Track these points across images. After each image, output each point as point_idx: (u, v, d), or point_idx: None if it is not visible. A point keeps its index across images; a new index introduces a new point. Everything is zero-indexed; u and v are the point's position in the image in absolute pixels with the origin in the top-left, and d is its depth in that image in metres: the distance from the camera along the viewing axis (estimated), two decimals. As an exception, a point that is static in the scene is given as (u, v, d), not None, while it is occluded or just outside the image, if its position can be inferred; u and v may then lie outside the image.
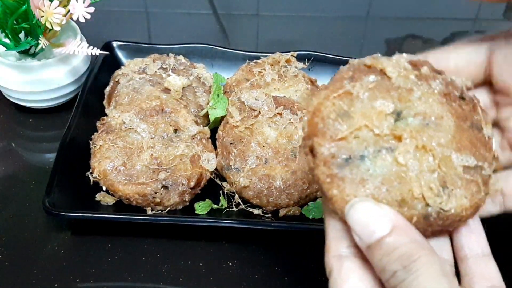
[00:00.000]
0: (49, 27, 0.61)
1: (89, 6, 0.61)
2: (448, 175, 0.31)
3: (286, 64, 0.69)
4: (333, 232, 0.32)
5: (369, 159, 0.31)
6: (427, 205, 0.31)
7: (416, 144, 0.31)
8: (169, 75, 0.66)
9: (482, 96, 0.38)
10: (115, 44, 0.73)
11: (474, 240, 0.34)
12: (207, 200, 0.58)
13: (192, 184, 0.56)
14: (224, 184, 0.60)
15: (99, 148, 0.58)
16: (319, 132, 0.31)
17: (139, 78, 0.66)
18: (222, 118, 0.64)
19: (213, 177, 0.60)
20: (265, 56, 0.71)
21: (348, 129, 0.31)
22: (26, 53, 0.66)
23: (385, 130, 0.31)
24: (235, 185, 0.58)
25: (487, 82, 0.38)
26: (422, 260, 0.27)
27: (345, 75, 0.33)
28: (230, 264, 0.54)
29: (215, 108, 0.64)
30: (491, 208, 0.36)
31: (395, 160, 0.31)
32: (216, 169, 0.60)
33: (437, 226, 0.32)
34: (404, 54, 0.35)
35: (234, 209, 0.58)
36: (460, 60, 0.36)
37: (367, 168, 0.31)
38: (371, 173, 0.31)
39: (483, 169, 0.33)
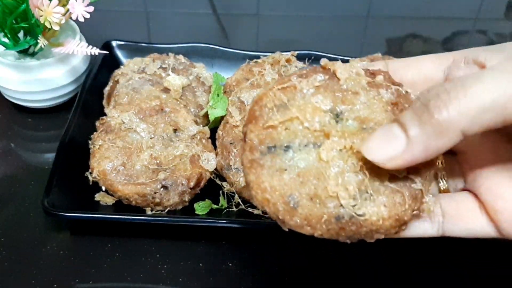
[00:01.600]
0: (48, 26, 0.60)
1: (88, 5, 0.61)
2: (371, 180, 0.30)
3: (286, 64, 0.68)
4: None
5: (293, 150, 0.31)
6: (341, 205, 0.30)
7: (345, 144, 0.31)
8: (168, 75, 0.66)
9: None
10: (114, 43, 0.73)
11: None
12: (207, 200, 0.58)
13: (192, 184, 0.56)
14: (224, 184, 0.59)
15: (98, 148, 0.58)
16: (254, 119, 0.32)
17: (138, 78, 0.65)
18: (222, 118, 0.64)
19: (213, 177, 0.59)
20: (265, 55, 0.71)
21: (279, 118, 0.32)
22: (25, 52, 0.66)
23: (316, 126, 0.32)
24: (235, 185, 0.58)
25: None
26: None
27: (298, 73, 0.34)
28: (230, 264, 0.54)
29: (215, 108, 0.64)
30: (428, 228, 0.33)
31: (319, 155, 0.31)
32: (216, 169, 0.59)
33: (351, 232, 0.30)
34: (365, 62, 0.35)
35: (234, 209, 0.58)
36: (418, 74, 0.34)
37: (288, 158, 0.31)
38: (291, 165, 0.31)
39: (414, 183, 0.31)
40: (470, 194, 0.33)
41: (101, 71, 0.69)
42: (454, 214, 0.33)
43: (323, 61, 0.34)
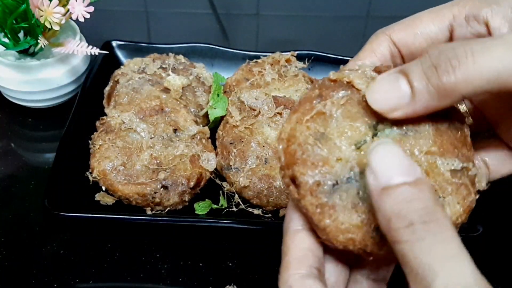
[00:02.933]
0: (49, 26, 0.61)
1: (88, 5, 0.61)
2: (437, 182, 0.30)
3: (286, 64, 0.69)
4: (297, 250, 0.31)
5: (356, 180, 0.29)
6: None
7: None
8: (168, 75, 0.66)
9: None
10: (114, 43, 0.73)
11: None
12: (207, 200, 0.58)
13: (191, 184, 0.56)
14: (224, 184, 0.59)
15: (98, 148, 0.58)
16: (298, 160, 0.29)
17: (138, 78, 0.65)
18: (222, 118, 0.64)
19: (213, 177, 0.60)
20: (265, 55, 0.71)
21: (329, 153, 0.29)
22: (25, 52, 0.66)
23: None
24: (235, 185, 0.58)
25: None
26: (444, 223, 0.25)
27: (312, 94, 0.31)
28: (230, 264, 0.54)
29: (215, 108, 0.64)
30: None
31: None
32: (216, 169, 0.60)
33: None
34: (368, 62, 0.34)
35: (234, 209, 0.58)
36: (426, 40, 0.35)
37: (356, 191, 0.29)
38: (361, 196, 0.29)
39: (469, 170, 0.31)
40: (500, 141, 0.36)
41: (101, 71, 0.69)
42: (497, 164, 0.35)
43: (333, 75, 0.32)
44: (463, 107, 0.36)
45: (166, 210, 0.56)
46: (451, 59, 0.27)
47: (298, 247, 0.31)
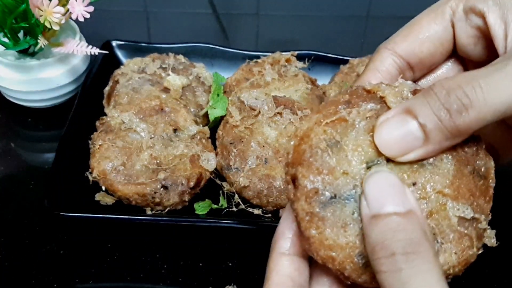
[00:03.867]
0: (48, 26, 0.60)
1: (88, 5, 0.61)
2: (440, 225, 0.29)
3: (286, 64, 0.69)
4: (277, 277, 0.31)
5: (355, 200, 0.28)
6: None
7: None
8: (168, 75, 0.66)
9: (454, 69, 0.37)
10: (114, 43, 0.73)
11: None
12: (207, 200, 0.58)
13: (191, 184, 0.56)
14: (224, 184, 0.59)
15: (98, 148, 0.58)
16: (305, 161, 0.28)
17: (138, 78, 0.65)
18: (222, 117, 0.64)
19: (213, 177, 0.60)
20: (265, 55, 0.71)
21: (337, 164, 0.28)
22: (25, 52, 0.66)
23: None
24: (235, 185, 0.58)
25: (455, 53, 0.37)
26: (426, 256, 0.25)
27: (341, 99, 0.30)
28: (230, 264, 0.54)
29: (215, 108, 0.64)
30: None
31: None
32: (216, 169, 0.59)
33: None
34: (409, 82, 0.31)
35: (234, 209, 0.58)
36: (432, 44, 0.35)
37: (351, 211, 0.28)
38: (355, 218, 0.28)
39: (480, 222, 0.30)
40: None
41: (101, 71, 0.69)
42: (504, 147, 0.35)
43: (369, 85, 0.31)
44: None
45: (166, 210, 0.56)
46: (462, 99, 0.27)
47: (279, 274, 0.31)
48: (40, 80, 0.65)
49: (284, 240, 0.31)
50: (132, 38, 0.75)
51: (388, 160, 0.29)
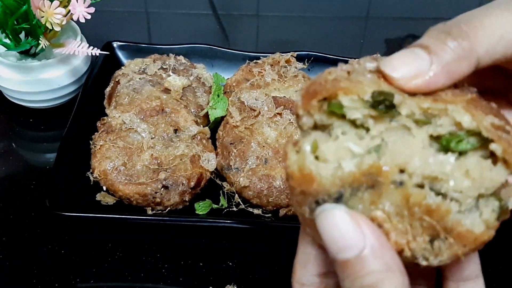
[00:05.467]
0: (50, 27, 0.61)
1: (89, 6, 0.61)
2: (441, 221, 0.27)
3: (286, 64, 0.69)
4: (302, 255, 0.30)
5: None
6: (414, 257, 0.27)
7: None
8: (169, 75, 0.67)
9: None
10: (115, 44, 0.73)
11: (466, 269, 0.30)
12: (207, 200, 0.58)
13: (192, 184, 0.56)
14: (224, 184, 0.60)
15: (99, 148, 0.58)
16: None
17: (139, 78, 0.66)
18: (222, 118, 0.64)
19: (213, 177, 0.60)
20: (265, 56, 0.71)
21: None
22: (26, 53, 0.66)
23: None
24: (235, 185, 0.58)
25: None
26: None
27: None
28: (230, 264, 0.54)
29: (215, 108, 0.64)
30: None
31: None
32: (216, 169, 0.60)
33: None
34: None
35: (234, 209, 0.58)
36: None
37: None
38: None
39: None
40: None
41: (102, 71, 0.69)
42: None
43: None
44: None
45: (167, 210, 0.57)
46: (460, 23, 0.27)
47: (302, 252, 0.31)
48: (42, 81, 0.66)
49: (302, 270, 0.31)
50: (132, 39, 0.75)
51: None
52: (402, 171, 0.26)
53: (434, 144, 0.27)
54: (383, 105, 0.27)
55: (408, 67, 0.27)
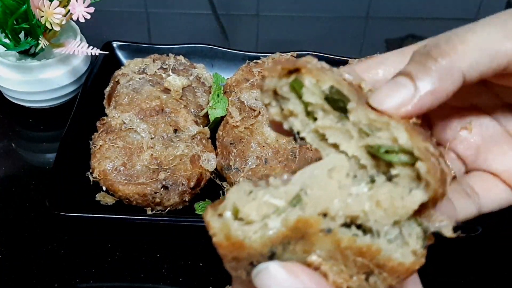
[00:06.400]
0: (49, 27, 0.61)
1: (89, 6, 0.61)
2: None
3: (286, 64, 0.69)
4: None
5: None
6: None
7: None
8: (169, 75, 0.66)
9: None
10: (115, 44, 0.73)
11: None
12: (207, 200, 0.58)
13: (192, 184, 0.56)
14: (224, 184, 0.60)
15: (99, 148, 0.58)
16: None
17: (139, 78, 0.66)
18: (222, 118, 0.64)
19: (213, 177, 0.60)
20: (265, 56, 0.71)
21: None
22: (26, 53, 0.66)
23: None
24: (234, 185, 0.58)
25: None
26: None
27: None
28: (230, 264, 0.54)
29: (215, 108, 0.64)
30: (472, 209, 0.33)
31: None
32: (216, 169, 0.60)
33: None
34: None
35: (234, 209, 0.58)
36: (389, 72, 0.32)
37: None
38: None
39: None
40: (483, 172, 0.35)
41: (102, 71, 0.69)
42: (484, 189, 0.34)
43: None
44: None
45: (167, 210, 0.57)
46: (439, 43, 0.28)
47: None
48: (41, 81, 0.66)
49: None
50: (132, 39, 0.75)
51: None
52: (325, 215, 0.26)
53: (352, 178, 0.27)
54: (337, 105, 0.28)
55: (394, 98, 0.28)
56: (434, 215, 0.27)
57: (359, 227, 0.26)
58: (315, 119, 0.28)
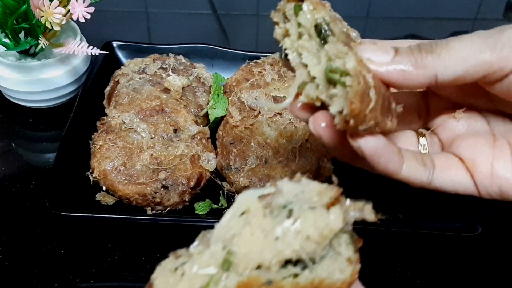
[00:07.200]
0: (49, 27, 0.61)
1: (89, 6, 0.61)
2: None
3: (286, 64, 0.69)
4: None
5: None
6: None
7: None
8: (169, 75, 0.66)
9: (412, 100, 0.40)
10: (115, 44, 0.73)
11: None
12: (207, 200, 0.58)
13: (192, 184, 0.56)
14: (224, 184, 0.60)
15: (99, 148, 0.58)
16: None
17: (139, 78, 0.66)
18: (222, 118, 0.64)
19: (213, 177, 0.60)
20: (265, 56, 0.71)
21: None
22: (26, 53, 0.66)
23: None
24: (235, 185, 0.58)
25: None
26: None
27: None
28: (230, 264, 0.54)
29: (215, 108, 0.64)
30: (422, 173, 0.36)
31: None
32: (216, 169, 0.60)
33: None
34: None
35: (234, 209, 0.58)
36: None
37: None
38: None
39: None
40: (452, 154, 0.38)
41: (102, 71, 0.69)
42: (443, 165, 0.37)
43: None
44: None
45: (167, 210, 0.57)
46: (432, 44, 0.32)
47: None
48: (41, 81, 0.66)
49: None
50: (132, 38, 0.75)
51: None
52: (259, 266, 0.26)
53: (270, 216, 0.28)
54: (322, 35, 0.32)
55: (374, 54, 0.33)
56: (349, 204, 0.28)
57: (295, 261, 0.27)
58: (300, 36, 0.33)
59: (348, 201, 0.28)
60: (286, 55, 0.34)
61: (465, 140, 0.37)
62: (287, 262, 0.27)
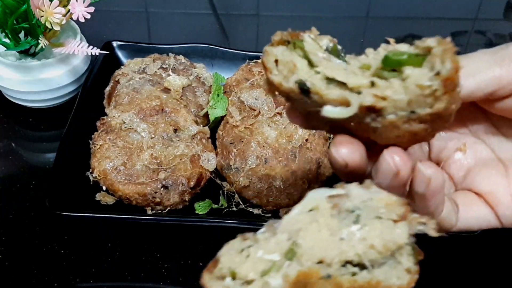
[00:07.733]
0: (49, 27, 0.61)
1: (89, 6, 0.61)
2: None
3: (286, 64, 0.69)
4: None
5: None
6: None
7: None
8: (169, 75, 0.66)
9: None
10: (115, 44, 0.73)
11: None
12: (207, 200, 0.58)
13: (192, 184, 0.56)
14: (224, 184, 0.60)
15: (99, 148, 0.58)
16: None
17: (139, 78, 0.66)
18: (222, 118, 0.64)
19: (213, 177, 0.60)
20: (265, 56, 0.71)
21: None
22: (26, 53, 0.66)
23: None
24: (235, 185, 0.58)
25: None
26: None
27: None
28: (230, 264, 0.54)
29: (215, 108, 0.64)
30: (451, 215, 0.35)
31: None
32: (216, 169, 0.60)
33: None
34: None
35: (234, 209, 0.58)
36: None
37: None
38: None
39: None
40: (469, 191, 0.37)
41: (102, 71, 0.69)
42: (465, 204, 0.36)
43: None
44: None
45: (167, 210, 0.57)
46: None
47: None
48: (41, 81, 0.66)
49: None
50: (132, 38, 0.75)
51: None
52: (320, 261, 0.27)
53: (337, 217, 0.28)
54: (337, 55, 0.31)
55: None
56: (415, 217, 0.28)
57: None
58: (317, 72, 0.30)
59: (414, 215, 0.28)
60: (307, 88, 0.29)
61: (479, 174, 0.36)
62: (347, 262, 0.27)
